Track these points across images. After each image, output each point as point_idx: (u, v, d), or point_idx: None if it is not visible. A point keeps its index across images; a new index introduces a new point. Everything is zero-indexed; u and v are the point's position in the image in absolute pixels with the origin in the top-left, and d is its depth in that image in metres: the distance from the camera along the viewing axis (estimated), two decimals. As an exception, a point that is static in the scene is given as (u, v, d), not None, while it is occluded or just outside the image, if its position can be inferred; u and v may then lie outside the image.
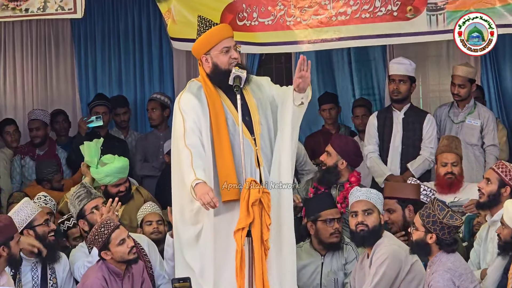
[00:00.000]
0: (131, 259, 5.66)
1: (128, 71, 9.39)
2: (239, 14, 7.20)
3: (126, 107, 8.88)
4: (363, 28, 6.92)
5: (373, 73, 9.03)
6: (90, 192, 6.27)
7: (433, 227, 5.34)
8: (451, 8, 6.75)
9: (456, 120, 7.75)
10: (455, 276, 5.26)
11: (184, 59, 9.29)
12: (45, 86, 9.35)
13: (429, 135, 7.47)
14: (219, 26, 5.64)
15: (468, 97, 7.73)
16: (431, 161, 7.39)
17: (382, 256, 5.70)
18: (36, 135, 8.55)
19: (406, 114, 7.58)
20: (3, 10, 7.01)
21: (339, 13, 6.98)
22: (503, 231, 5.46)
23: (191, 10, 7.24)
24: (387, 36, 6.98)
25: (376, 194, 5.95)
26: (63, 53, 9.34)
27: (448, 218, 5.32)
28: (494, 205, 5.89)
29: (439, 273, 5.28)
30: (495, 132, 7.68)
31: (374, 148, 7.61)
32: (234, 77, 5.43)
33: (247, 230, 5.26)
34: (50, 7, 6.93)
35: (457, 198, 6.75)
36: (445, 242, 5.34)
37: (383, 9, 6.93)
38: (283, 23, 7.13)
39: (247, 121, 5.50)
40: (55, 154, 8.55)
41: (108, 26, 9.29)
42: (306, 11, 7.08)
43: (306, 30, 7.08)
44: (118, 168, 6.90)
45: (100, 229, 5.63)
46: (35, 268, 5.99)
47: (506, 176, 5.88)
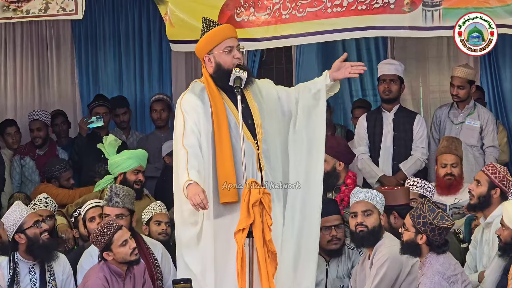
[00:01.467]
0: (133, 260, 5.66)
1: (128, 72, 9.38)
2: (237, 10, 7.20)
3: (126, 108, 8.88)
4: (359, 20, 6.90)
5: (374, 73, 9.03)
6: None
7: (423, 228, 5.31)
8: (447, 5, 6.76)
9: (455, 121, 7.76)
10: (444, 278, 5.23)
11: (183, 60, 9.29)
12: (46, 87, 9.36)
13: (420, 135, 7.49)
14: (222, 26, 5.60)
15: (468, 98, 7.74)
16: (423, 161, 7.43)
17: (382, 257, 5.70)
18: (38, 136, 8.54)
19: (396, 115, 7.60)
20: (4, 11, 7.02)
21: (335, 5, 6.97)
22: (503, 232, 5.46)
23: (188, 11, 7.24)
24: (383, 28, 6.96)
25: (376, 195, 5.94)
26: (63, 54, 9.35)
27: (438, 219, 5.30)
28: (485, 207, 5.91)
29: (428, 276, 5.26)
30: (495, 133, 7.69)
31: (364, 150, 7.63)
32: (234, 78, 5.40)
33: (248, 231, 5.23)
34: (51, 9, 6.94)
35: (457, 200, 6.74)
36: (435, 244, 5.31)
37: (380, 1, 6.91)
38: (279, 16, 7.12)
39: (249, 124, 5.47)
40: (55, 155, 8.55)
41: (109, 27, 9.29)
42: (302, 4, 7.08)
43: (302, 23, 7.07)
44: (140, 153, 6.98)
45: (102, 229, 5.62)
46: (33, 271, 5.96)
47: (495, 178, 5.89)
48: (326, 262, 6.27)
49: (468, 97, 7.73)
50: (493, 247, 5.72)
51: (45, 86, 9.35)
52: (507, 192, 5.87)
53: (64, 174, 7.91)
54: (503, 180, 5.88)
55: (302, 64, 8.89)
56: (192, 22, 7.20)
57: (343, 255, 6.29)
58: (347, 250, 6.29)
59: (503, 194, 5.88)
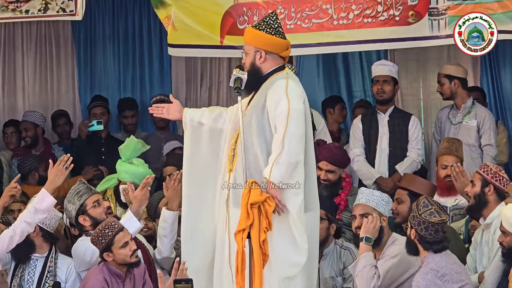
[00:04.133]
0: (133, 262, 5.64)
1: (128, 72, 9.39)
2: (240, 18, 7.21)
3: (135, 110, 8.86)
4: (365, 33, 6.94)
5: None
6: (89, 188, 6.21)
7: (413, 222, 5.35)
8: (452, 13, 6.77)
9: (454, 121, 7.76)
10: (438, 276, 5.22)
11: (183, 61, 9.29)
12: (45, 88, 9.35)
13: (415, 136, 7.49)
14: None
15: (455, 94, 7.72)
16: (418, 162, 7.43)
17: (393, 252, 5.72)
18: (25, 136, 8.55)
19: (391, 116, 7.60)
20: (3, 12, 7.02)
21: (341, 17, 7.00)
22: (505, 238, 5.44)
23: (191, 16, 7.26)
24: (389, 41, 7.01)
25: (379, 197, 5.94)
26: (63, 55, 9.34)
27: (426, 214, 5.30)
28: (482, 206, 5.91)
29: (421, 273, 5.27)
30: (491, 131, 7.66)
31: (360, 151, 7.64)
32: (234, 79, 5.38)
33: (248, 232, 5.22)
34: (51, 9, 6.95)
35: (457, 201, 6.74)
36: (425, 239, 5.31)
37: (385, 14, 6.96)
38: (284, 26, 7.13)
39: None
40: (51, 154, 8.52)
41: (109, 28, 9.29)
42: (307, 15, 7.10)
43: (307, 33, 7.11)
44: (139, 173, 6.89)
45: (104, 230, 5.60)
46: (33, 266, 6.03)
47: (487, 175, 5.90)
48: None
49: (453, 93, 7.72)
50: (493, 248, 5.72)
51: (45, 87, 9.34)
52: (502, 189, 5.87)
53: (41, 164, 7.89)
54: (495, 176, 5.88)
55: (302, 69, 8.89)
56: (195, 27, 7.23)
57: (334, 255, 6.28)
58: (338, 249, 6.29)
59: (498, 191, 5.88)
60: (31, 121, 8.59)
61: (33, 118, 8.62)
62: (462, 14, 6.75)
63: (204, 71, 9.35)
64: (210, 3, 7.34)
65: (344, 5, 7.00)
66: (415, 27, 6.90)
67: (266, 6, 7.18)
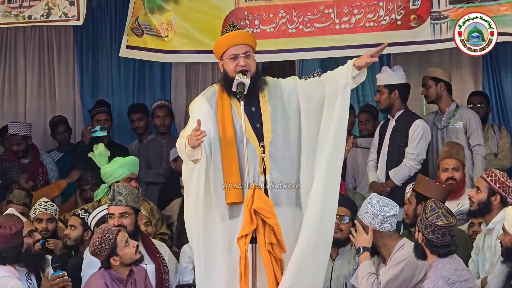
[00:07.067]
0: (139, 258, 5.66)
1: (129, 77, 9.40)
2: (241, 22, 7.22)
3: (141, 113, 8.81)
4: (367, 37, 6.94)
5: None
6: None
7: (420, 226, 5.34)
8: (454, 16, 6.78)
9: (440, 126, 7.75)
10: (448, 283, 5.21)
11: (183, 66, 9.31)
12: (47, 92, 9.36)
13: (413, 140, 7.41)
14: (232, 32, 5.53)
15: (440, 98, 7.72)
16: (411, 167, 7.34)
17: (400, 257, 5.68)
18: (18, 149, 8.51)
19: (397, 121, 7.58)
20: (6, 17, 7.02)
21: (343, 22, 7.01)
22: (505, 238, 5.44)
23: (192, 22, 7.27)
24: (391, 45, 6.99)
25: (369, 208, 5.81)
26: (65, 59, 9.36)
27: (433, 217, 5.29)
28: (485, 213, 5.90)
29: (432, 279, 5.24)
30: (479, 131, 7.62)
31: (372, 157, 7.68)
32: (237, 84, 5.35)
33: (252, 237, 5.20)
34: (54, 14, 6.96)
35: (460, 205, 6.74)
36: (432, 243, 5.29)
37: (387, 18, 6.97)
38: (285, 30, 7.15)
39: (257, 128, 5.44)
40: (40, 162, 8.55)
41: (110, 33, 9.30)
42: (309, 19, 7.11)
43: (308, 38, 7.11)
44: (130, 160, 6.97)
45: (104, 236, 5.58)
46: (29, 278, 5.97)
47: (495, 184, 5.88)
48: (332, 260, 6.25)
49: (439, 96, 7.71)
50: (495, 253, 5.71)
51: (46, 91, 9.35)
52: (507, 197, 5.86)
53: (22, 176, 7.94)
54: (503, 186, 5.87)
55: (304, 74, 8.89)
56: (194, 33, 7.23)
57: (349, 254, 6.30)
58: (353, 250, 6.26)
59: (503, 200, 5.88)
60: (21, 134, 8.52)
61: (21, 130, 8.54)
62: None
63: (204, 76, 9.36)
64: (211, 7, 7.33)
65: (346, 10, 7.01)
66: (417, 31, 6.91)
67: (268, 10, 7.19)
